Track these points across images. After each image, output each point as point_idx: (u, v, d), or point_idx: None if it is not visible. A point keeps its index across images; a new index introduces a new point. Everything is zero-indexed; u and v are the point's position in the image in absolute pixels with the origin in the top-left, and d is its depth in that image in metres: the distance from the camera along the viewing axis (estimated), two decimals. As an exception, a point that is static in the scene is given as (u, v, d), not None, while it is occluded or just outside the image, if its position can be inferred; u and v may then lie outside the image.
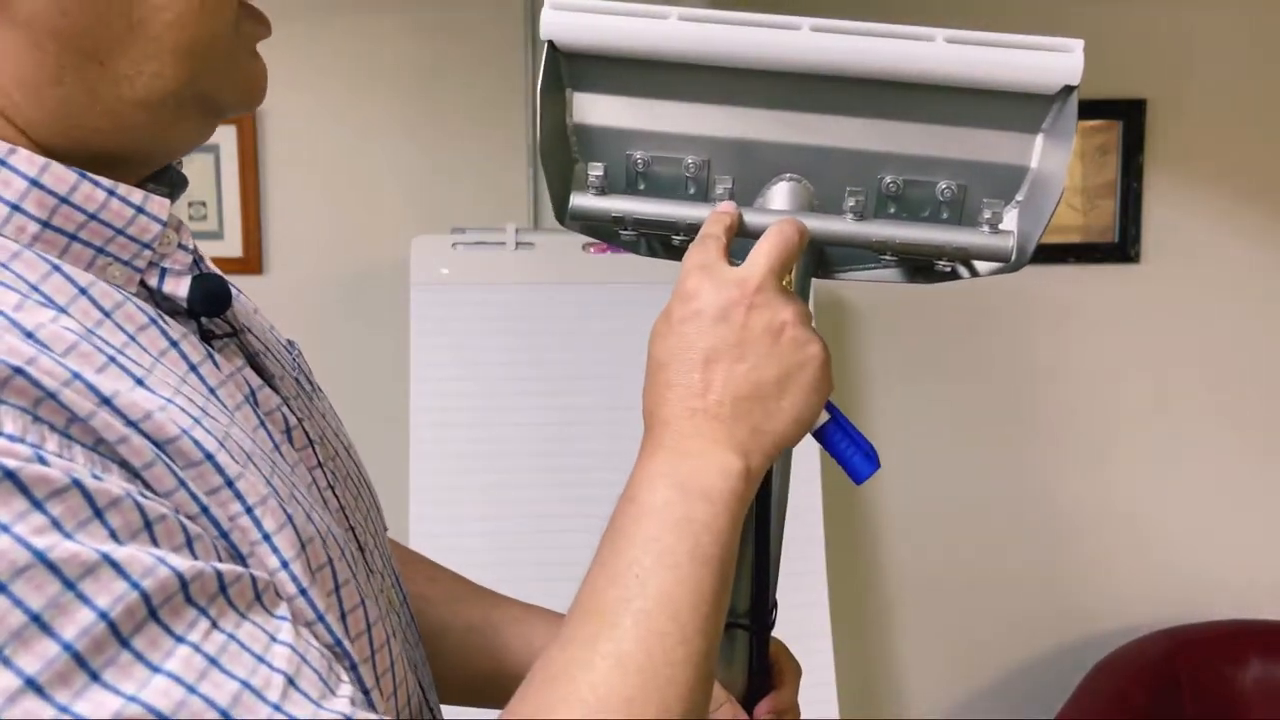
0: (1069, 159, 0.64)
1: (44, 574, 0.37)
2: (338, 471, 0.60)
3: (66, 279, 0.46)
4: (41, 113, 0.48)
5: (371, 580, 0.57)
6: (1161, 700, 1.90)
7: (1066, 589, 2.14)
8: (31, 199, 0.46)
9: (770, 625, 0.72)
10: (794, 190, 0.69)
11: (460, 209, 1.93)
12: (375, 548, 0.62)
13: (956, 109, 0.66)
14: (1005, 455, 2.12)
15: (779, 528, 0.71)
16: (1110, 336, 2.10)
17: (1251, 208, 2.09)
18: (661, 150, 0.69)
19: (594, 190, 0.69)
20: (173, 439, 0.44)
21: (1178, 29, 2.04)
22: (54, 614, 0.37)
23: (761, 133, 0.68)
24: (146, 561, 0.40)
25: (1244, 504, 2.14)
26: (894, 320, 2.07)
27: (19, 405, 0.40)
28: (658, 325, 0.60)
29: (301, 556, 0.48)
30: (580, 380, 1.75)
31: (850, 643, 2.05)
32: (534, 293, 1.77)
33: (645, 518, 0.53)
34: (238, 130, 1.90)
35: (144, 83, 0.49)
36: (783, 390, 0.57)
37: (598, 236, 0.74)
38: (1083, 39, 0.63)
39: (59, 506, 0.38)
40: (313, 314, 1.94)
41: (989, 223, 0.67)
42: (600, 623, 0.49)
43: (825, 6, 0.81)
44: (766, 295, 0.58)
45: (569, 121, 0.69)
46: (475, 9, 1.93)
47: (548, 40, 0.65)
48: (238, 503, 0.46)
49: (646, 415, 0.58)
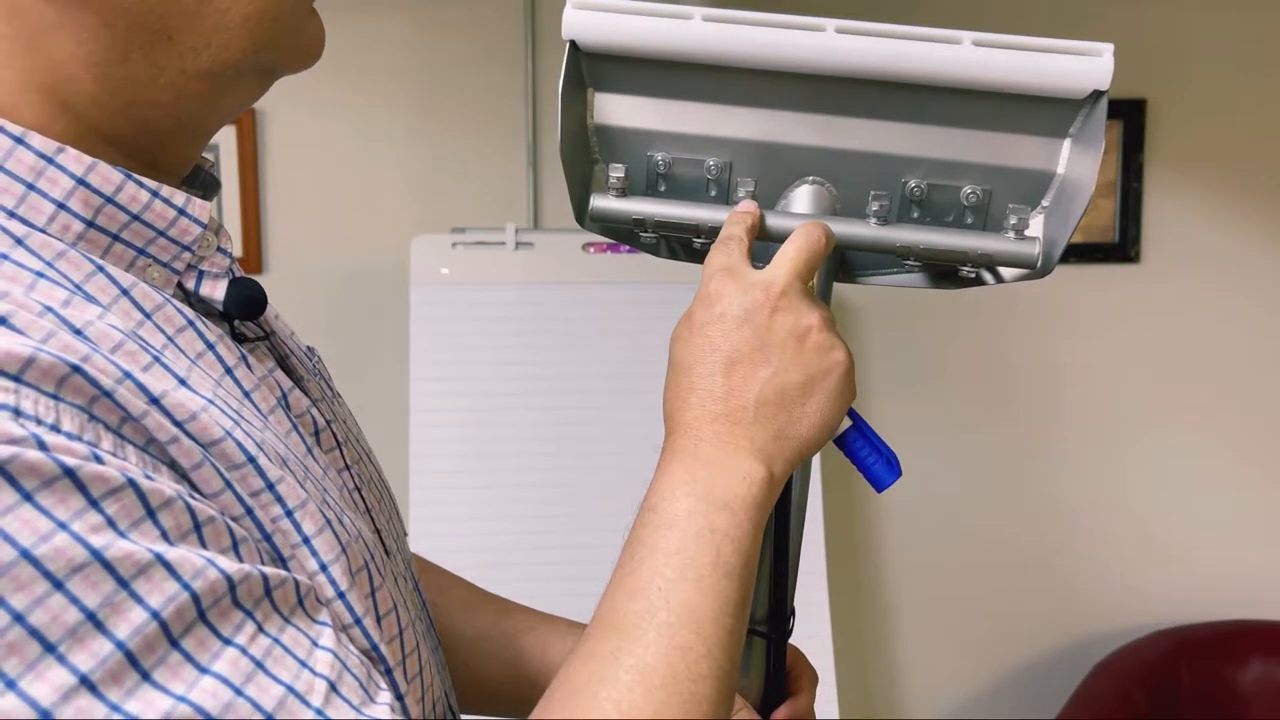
0: (1098, 165, 0.63)
1: (100, 572, 0.37)
2: (363, 475, 0.60)
3: (109, 279, 0.46)
4: (105, 92, 0.47)
5: (399, 585, 0.57)
6: (1161, 700, 1.90)
7: (1067, 589, 2.14)
8: (77, 198, 0.46)
9: (788, 633, 0.71)
10: (817, 193, 0.68)
11: (460, 209, 1.93)
12: (398, 551, 0.62)
13: (983, 113, 0.65)
14: (1005, 455, 2.12)
15: (798, 534, 0.70)
16: (1110, 336, 2.10)
17: (1251, 207, 2.09)
18: (683, 151, 0.68)
19: (614, 192, 0.68)
20: (217, 440, 0.44)
21: (1178, 29, 2.04)
22: (108, 612, 0.37)
23: (784, 135, 0.67)
24: (197, 563, 0.40)
25: (1244, 504, 2.14)
26: (893, 320, 2.07)
27: (76, 404, 0.40)
28: (679, 328, 0.59)
29: (341, 559, 0.48)
30: (580, 380, 1.75)
31: (850, 643, 2.05)
32: (534, 293, 1.77)
33: (667, 528, 0.52)
34: (238, 130, 1.90)
35: (210, 54, 0.49)
36: (807, 396, 0.56)
37: (618, 239, 0.73)
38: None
39: (114, 505, 0.39)
40: (313, 314, 1.93)
41: (1014, 228, 0.66)
42: (623, 637, 0.49)
43: (823, 6, 0.81)
44: (791, 299, 0.57)
45: (590, 122, 0.68)
46: (475, 9, 1.93)
47: (569, 40, 0.65)
48: (278, 505, 0.46)
49: (667, 419, 0.57)
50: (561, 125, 0.65)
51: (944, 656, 2.15)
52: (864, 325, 2.07)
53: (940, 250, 0.66)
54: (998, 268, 0.69)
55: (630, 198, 0.68)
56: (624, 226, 0.69)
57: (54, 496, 0.37)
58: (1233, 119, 2.06)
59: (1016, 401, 2.11)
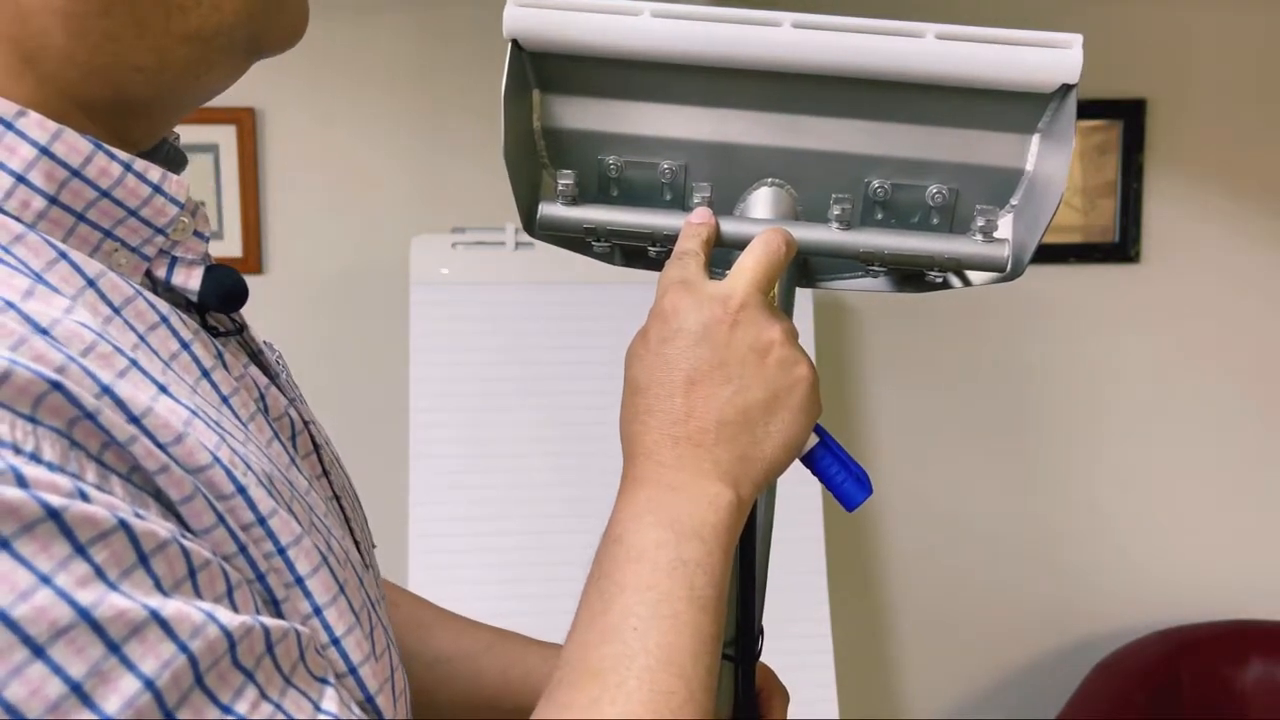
0: (1068, 161, 0.60)
1: (88, 635, 0.32)
2: (337, 481, 0.56)
3: (74, 268, 0.41)
4: (81, 48, 0.42)
5: (379, 608, 0.54)
6: (1161, 700, 1.90)
7: (1067, 589, 2.14)
8: (39, 170, 0.41)
9: (757, 654, 0.68)
10: (776, 196, 0.66)
11: (460, 209, 1.93)
12: (372, 564, 0.58)
13: (948, 109, 0.63)
14: (1005, 455, 2.12)
15: (764, 555, 0.67)
16: (1110, 337, 2.10)
17: (1252, 207, 2.09)
18: (635, 155, 0.65)
19: (564, 200, 0.64)
20: (204, 468, 0.39)
21: (1178, 29, 2.04)
22: (95, 683, 0.32)
23: (741, 135, 0.64)
24: (195, 619, 0.35)
25: (1244, 504, 2.14)
26: (892, 320, 2.07)
27: (55, 427, 0.35)
28: (634, 346, 0.55)
29: (340, 600, 0.44)
30: (580, 380, 1.75)
31: (850, 643, 2.05)
32: (534, 293, 1.77)
33: (635, 562, 0.49)
34: (238, 130, 1.89)
35: (200, 15, 0.44)
36: (771, 414, 0.53)
37: (568, 248, 0.69)
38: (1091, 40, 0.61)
39: (104, 552, 0.34)
40: (313, 314, 1.93)
41: (982, 230, 0.63)
42: (601, 684, 0.45)
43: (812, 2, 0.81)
44: (751, 312, 0.54)
45: (536, 125, 0.65)
46: (476, 9, 1.93)
47: (511, 39, 0.61)
48: (270, 541, 0.41)
49: (625, 442, 0.54)
50: (505, 129, 0.61)
51: (944, 656, 2.15)
52: (862, 325, 2.07)
53: (906, 255, 0.64)
54: (965, 271, 0.66)
55: (581, 205, 0.65)
56: (575, 235, 0.66)
57: (35, 544, 0.32)
58: (1233, 119, 2.06)
59: (1016, 401, 2.11)
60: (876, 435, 2.09)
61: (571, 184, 0.64)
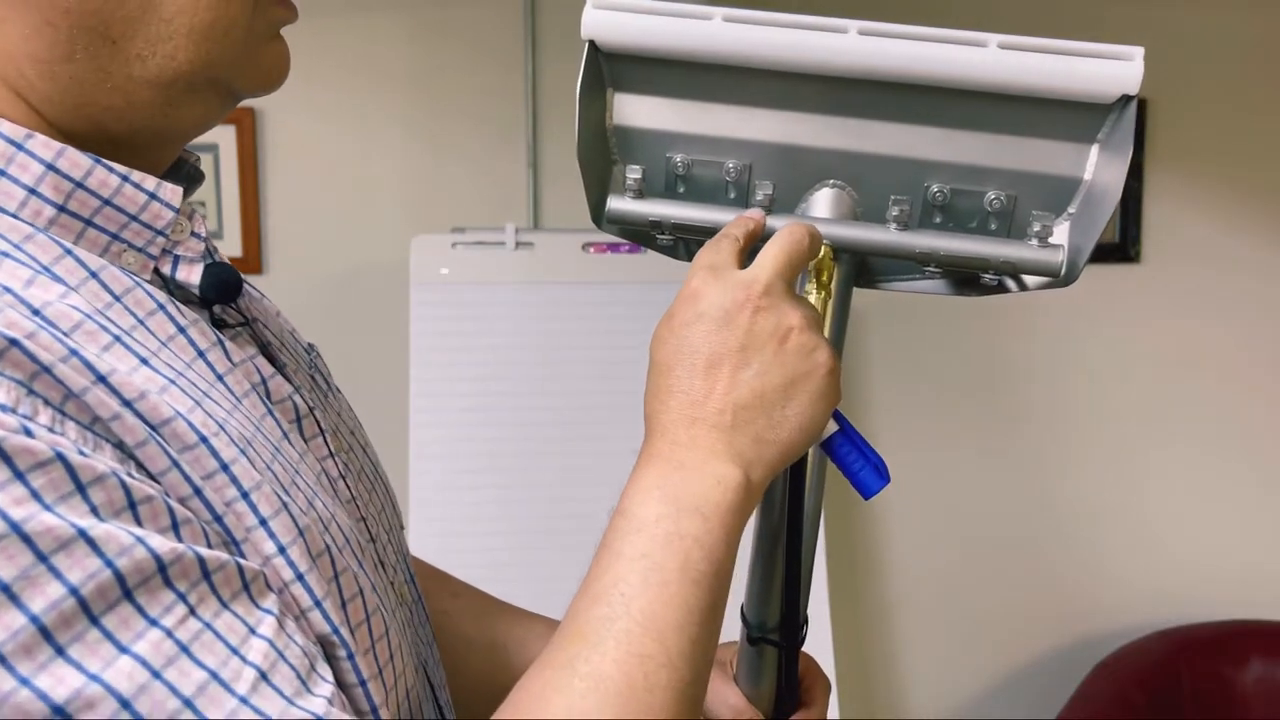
0: (1125, 171, 0.61)
1: (17, 545, 0.37)
2: (351, 464, 0.60)
3: (78, 262, 0.47)
4: (54, 90, 0.48)
5: (382, 573, 0.57)
6: (1161, 700, 1.90)
7: (1067, 589, 2.14)
8: (47, 183, 0.47)
9: (801, 641, 0.69)
10: (837, 197, 0.67)
11: (460, 209, 1.93)
12: (388, 541, 0.61)
13: (1008, 117, 0.64)
14: (1005, 455, 2.12)
15: (812, 542, 0.69)
16: (1110, 336, 2.10)
17: (1252, 207, 2.09)
18: (702, 153, 0.67)
19: (631, 193, 0.67)
20: (167, 420, 0.44)
21: (1179, 29, 2.04)
22: (23, 585, 0.37)
23: (805, 137, 0.66)
24: (124, 540, 0.39)
25: (1244, 504, 2.14)
26: (892, 320, 2.07)
27: (14, 377, 0.40)
28: (660, 328, 0.58)
29: (299, 542, 0.47)
30: (580, 380, 1.75)
31: (850, 643, 2.05)
32: (534, 293, 1.77)
33: (634, 533, 0.51)
34: (237, 130, 1.90)
35: (156, 63, 0.49)
36: (788, 398, 0.55)
37: (634, 240, 0.72)
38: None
39: (41, 479, 0.38)
40: (313, 314, 1.93)
41: (1039, 236, 0.64)
42: (581, 643, 0.48)
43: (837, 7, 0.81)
44: (773, 298, 0.55)
45: (609, 123, 0.67)
46: (476, 9, 1.93)
47: (589, 40, 0.64)
48: (233, 487, 0.45)
49: (647, 421, 0.56)
50: (579, 126, 0.64)
51: (944, 656, 2.15)
52: (865, 326, 2.07)
53: (962, 257, 0.65)
54: (1021, 275, 0.67)
55: (647, 199, 0.67)
56: (641, 228, 0.68)
57: None
58: (1233, 119, 2.06)
59: (1016, 401, 2.11)
60: (876, 435, 2.09)
61: (639, 179, 0.67)
